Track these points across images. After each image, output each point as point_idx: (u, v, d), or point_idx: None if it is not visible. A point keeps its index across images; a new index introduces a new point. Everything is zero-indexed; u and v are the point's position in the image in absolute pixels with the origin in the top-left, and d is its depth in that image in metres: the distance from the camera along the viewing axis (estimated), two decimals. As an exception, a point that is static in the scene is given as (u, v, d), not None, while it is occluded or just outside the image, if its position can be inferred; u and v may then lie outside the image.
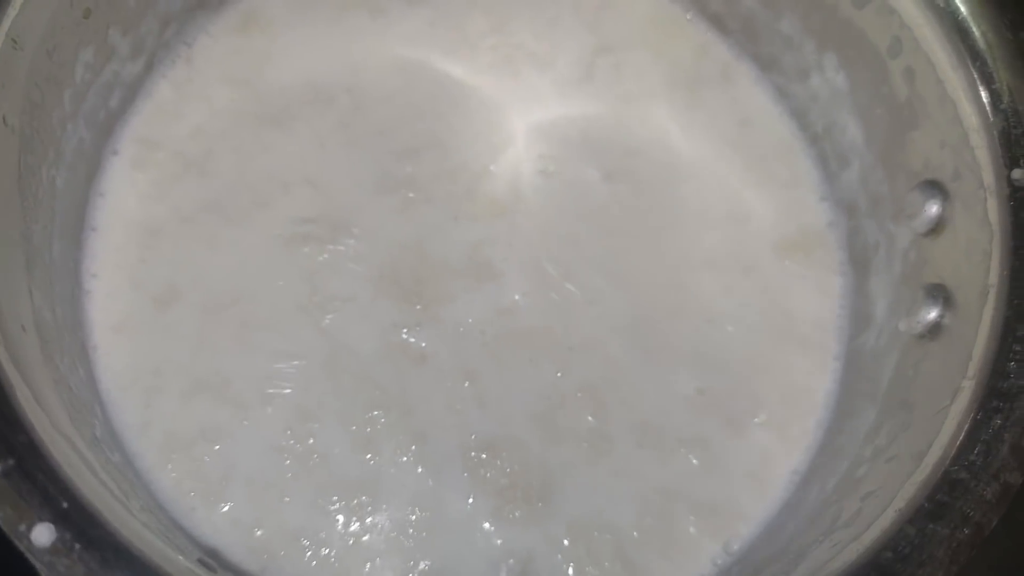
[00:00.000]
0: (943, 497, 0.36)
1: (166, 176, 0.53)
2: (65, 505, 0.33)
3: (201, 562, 0.39)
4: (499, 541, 0.48)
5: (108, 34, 0.50)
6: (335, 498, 0.48)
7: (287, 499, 0.48)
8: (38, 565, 0.31)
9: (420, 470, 0.49)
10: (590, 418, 0.51)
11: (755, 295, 0.55)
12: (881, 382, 0.48)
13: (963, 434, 0.38)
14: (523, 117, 0.58)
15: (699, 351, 0.53)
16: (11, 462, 0.33)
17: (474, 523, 0.48)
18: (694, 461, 0.51)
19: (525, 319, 0.53)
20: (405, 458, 0.49)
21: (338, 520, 0.48)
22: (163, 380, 0.49)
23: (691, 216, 0.57)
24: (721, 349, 0.54)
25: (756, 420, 0.52)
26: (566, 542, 0.48)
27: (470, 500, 0.48)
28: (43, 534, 0.31)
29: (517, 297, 0.53)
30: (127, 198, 0.53)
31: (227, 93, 0.56)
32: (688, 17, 0.60)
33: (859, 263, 0.54)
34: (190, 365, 0.50)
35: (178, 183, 0.53)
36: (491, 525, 0.48)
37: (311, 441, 0.49)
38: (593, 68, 0.60)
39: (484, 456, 0.50)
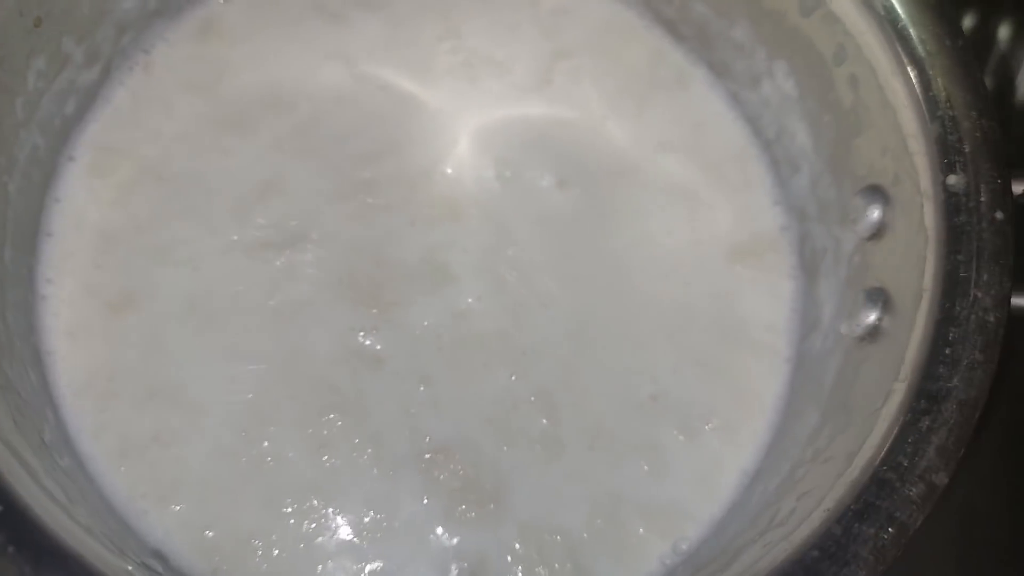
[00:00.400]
0: (870, 497, 0.37)
1: (123, 181, 0.54)
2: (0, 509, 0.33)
3: (145, 565, 0.40)
4: (452, 543, 0.49)
5: (61, 42, 0.51)
6: (288, 500, 0.48)
7: (240, 501, 0.48)
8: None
9: (375, 472, 0.49)
10: (544, 421, 0.52)
11: (708, 300, 0.56)
12: (825, 385, 0.48)
13: (892, 436, 0.38)
14: (479, 122, 0.58)
15: (652, 356, 0.54)
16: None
17: (427, 525, 0.49)
18: (645, 466, 0.51)
19: (480, 323, 0.53)
20: (360, 460, 0.50)
21: (291, 522, 0.48)
22: (118, 385, 0.50)
23: (645, 221, 0.57)
24: (674, 354, 0.54)
25: (708, 426, 0.52)
26: (517, 545, 0.49)
27: (424, 501, 0.49)
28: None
29: (471, 301, 0.54)
30: (83, 203, 0.53)
31: (186, 100, 0.57)
32: (643, 23, 0.61)
33: (809, 267, 0.55)
34: (145, 370, 0.50)
35: (135, 188, 0.54)
36: (443, 527, 0.49)
37: (265, 444, 0.49)
38: (550, 73, 0.60)
39: (438, 458, 0.50)
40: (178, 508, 0.48)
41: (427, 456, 0.50)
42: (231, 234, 0.53)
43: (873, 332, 0.46)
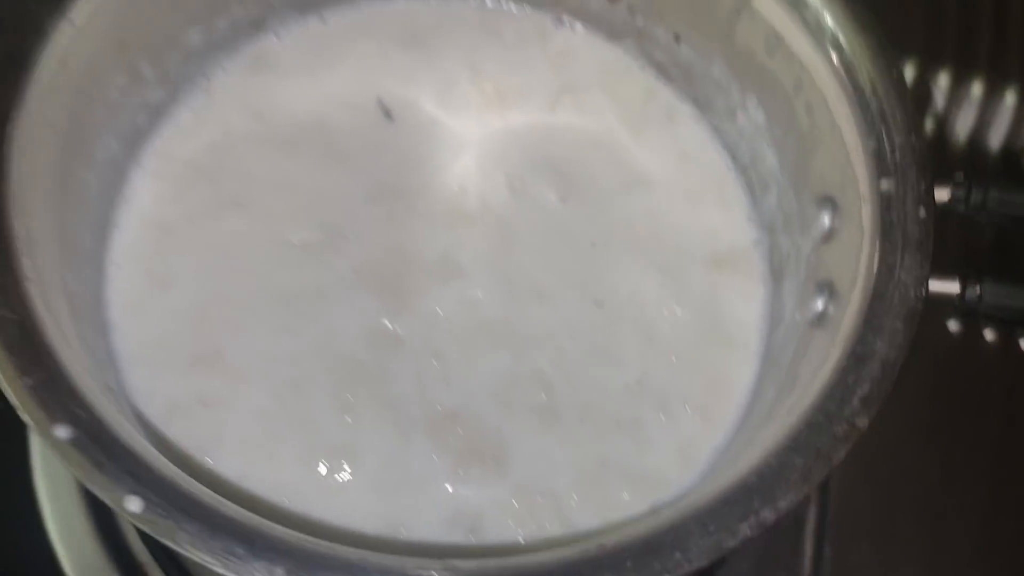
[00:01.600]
0: (801, 436, 0.43)
1: (180, 184, 0.62)
2: (80, 413, 0.41)
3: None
4: (455, 498, 0.55)
5: (139, 64, 0.60)
6: (318, 456, 0.56)
7: (274, 457, 0.55)
8: (59, 457, 0.39)
9: (392, 433, 0.56)
10: (541, 396, 0.59)
11: (690, 302, 0.63)
12: (783, 366, 0.55)
13: (825, 390, 0.45)
14: (495, 144, 0.67)
15: (639, 348, 0.61)
16: (41, 376, 0.41)
17: (436, 481, 0.56)
18: (629, 439, 0.58)
19: (487, 312, 0.61)
20: (380, 423, 0.57)
21: (321, 473, 0.55)
22: (167, 354, 0.58)
23: (637, 233, 0.65)
24: (659, 347, 0.61)
25: (687, 407, 0.59)
26: (514, 502, 0.56)
27: (433, 459, 0.56)
28: (63, 432, 0.40)
29: (480, 293, 0.61)
30: (146, 202, 0.61)
31: (239, 120, 0.65)
32: (638, 65, 0.70)
33: (776, 272, 0.62)
34: (191, 342, 0.58)
35: (190, 190, 0.62)
36: (450, 484, 0.56)
37: (298, 407, 0.57)
38: (556, 105, 0.69)
39: (447, 424, 0.57)
40: (217, 463, 0.55)
41: (438, 421, 0.57)
42: (273, 230, 0.62)
43: (821, 317, 0.53)
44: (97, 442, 0.41)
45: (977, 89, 0.79)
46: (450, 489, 0.55)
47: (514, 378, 0.59)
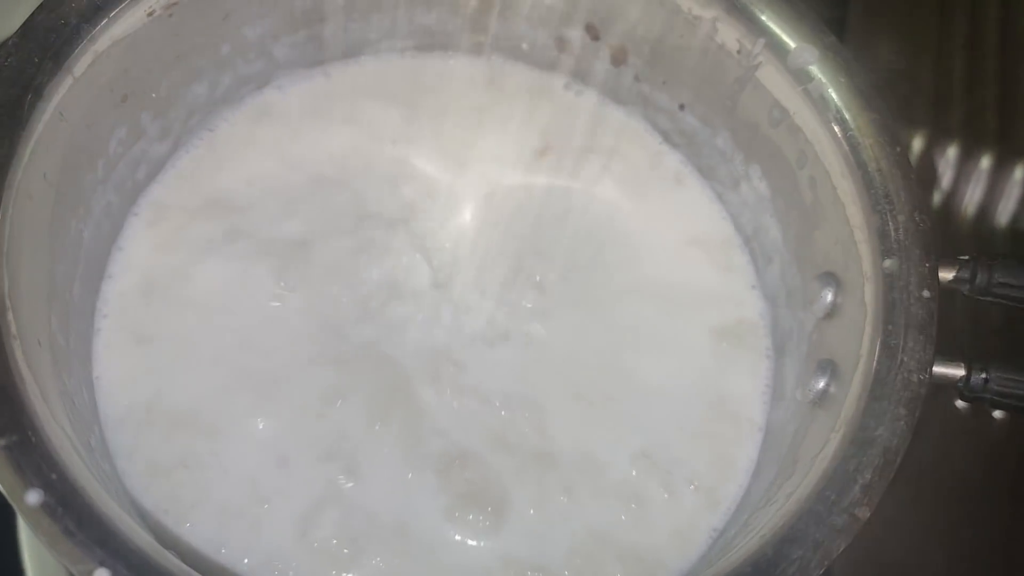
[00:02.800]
0: (800, 526, 0.42)
1: (176, 234, 0.62)
2: (53, 476, 0.40)
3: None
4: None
5: (140, 117, 0.60)
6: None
7: (256, 524, 0.54)
8: (29, 524, 0.38)
9: (383, 494, 0.55)
10: (545, 461, 0.57)
11: (694, 376, 0.62)
12: (784, 446, 0.54)
13: (825, 476, 0.44)
14: (493, 205, 0.66)
15: (642, 422, 0.60)
16: (14, 438, 0.40)
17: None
18: (626, 515, 0.56)
19: (478, 374, 0.60)
20: (367, 487, 0.55)
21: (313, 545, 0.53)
22: (152, 415, 0.56)
23: (640, 299, 0.64)
24: (663, 421, 0.60)
25: (691, 486, 0.58)
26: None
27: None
28: (33, 497, 0.38)
29: (468, 352, 0.60)
30: (140, 252, 0.61)
31: (240, 170, 0.65)
32: (645, 128, 0.70)
33: (779, 347, 0.61)
34: (175, 401, 0.56)
35: (186, 240, 0.61)
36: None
37: (285, 473, 0.55)
38: (568, 167, 0.68)
39: (451, 472, 0.56)
40: (192, 527, 0.53)
41: (438, 475, 0.56)
42: (266, 288, 0.61)
43: (822, 397, 0.51)
44: (69, 508, 0.39)
45: (985, 163, 0.78)
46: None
47: (518, 438, 0.58)
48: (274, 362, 0.58)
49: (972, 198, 0.71)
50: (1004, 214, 0.77)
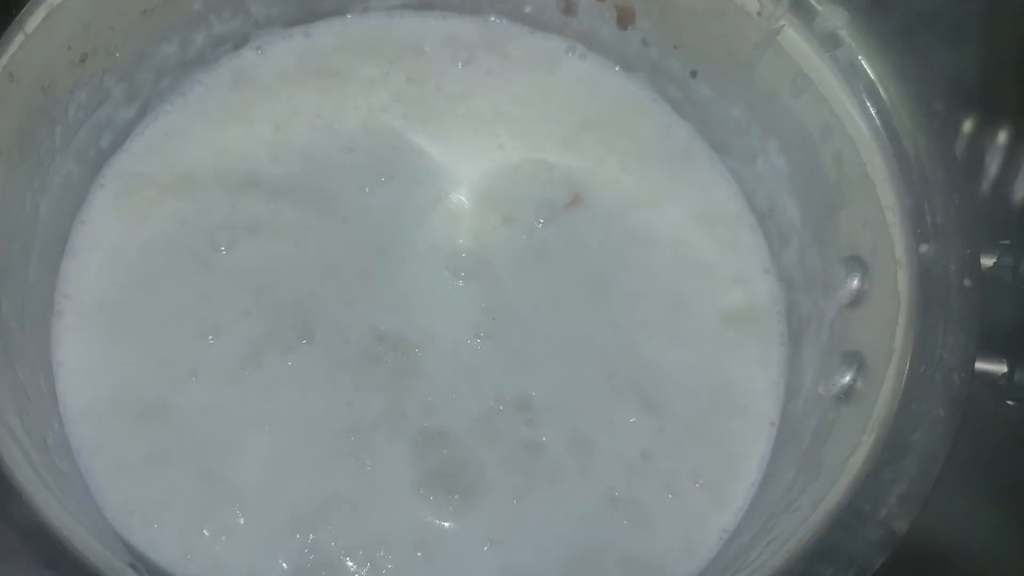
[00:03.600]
0: (831, 540, 0.38)
1: (147, 205, 0.57)
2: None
3: (132, 566, 0.41)
4: None
5: (103, 79, 0.54)
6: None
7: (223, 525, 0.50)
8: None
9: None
10: (539, 456, 0.53)
11: (702, 364, 0.57)
12: (803, 444, 0.50)
13: (856, 484, 0.40)
14: (494, 179, 0.61)
15: (645, 416, 0.55)
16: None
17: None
18: (627, 520, 0.52)
19: (479, 362, 0.55)
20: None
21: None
22: (119, 406, 0.52)
23: (643, 280, 0.60)
24: (667, 414, 0.55)
25: (696, 485, 0.54)
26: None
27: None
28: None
29: (478, 343, 0.56)
30: (107, 225, 0.56)
31: (216, 140, 0.60)
32: (652, 100, 0.65)
33: (795, 335, 0.57)
34: (147, 392, 0.52)
35: (156, 211, 0.57)
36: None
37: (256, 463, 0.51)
38: (562, 138, 0.63)
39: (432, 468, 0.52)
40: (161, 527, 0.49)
41: (418, 478, 0.52)
42: (246, 260, 0.56)
43: (848, 392, 0.47)
44: (13, 523, 0.35)
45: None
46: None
47: (512, 442, 0.53)
48: (254, 345, 0.54)
49: (1018, 179, 0.66)
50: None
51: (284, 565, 0.49)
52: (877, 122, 0.49)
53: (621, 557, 0.51)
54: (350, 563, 0.49)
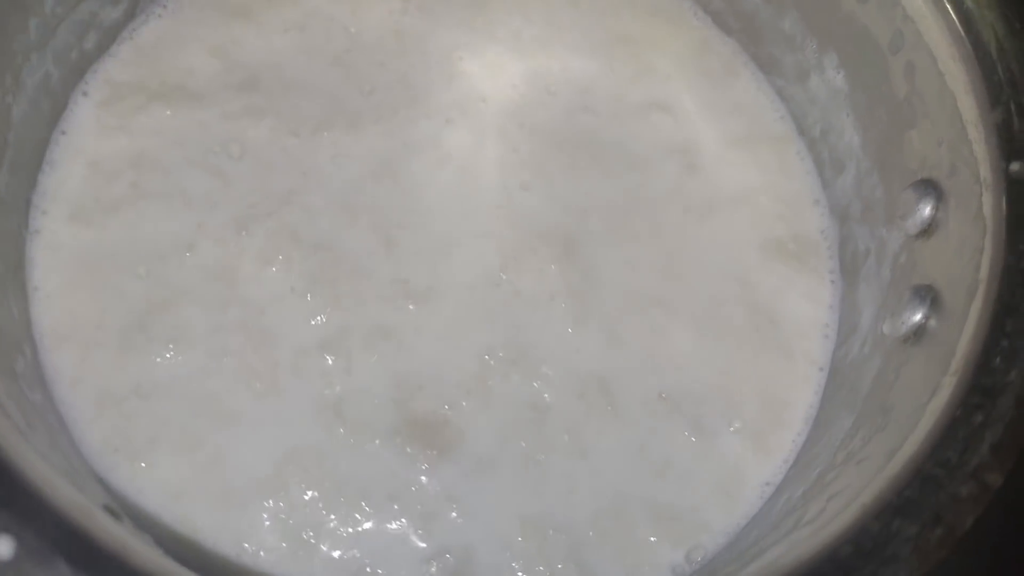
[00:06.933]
0: (912, 494, 0.33)
1: (133, 114, 0.51)
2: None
3: (107, 508, 0.36)
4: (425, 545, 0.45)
5: (86, -30, 0.49)
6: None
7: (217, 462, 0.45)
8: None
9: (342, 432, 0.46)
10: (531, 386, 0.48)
11: (742, 298, 0.52)
12: (861, 390, 0.45)
13: (940, 432, 0.34)
14: (523, 97, 0.56)
15: (677, 350, 0.50)
16: None
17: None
18: (655, 465, 0.47)
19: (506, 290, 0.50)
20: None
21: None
22: (103, 333, 0.47)
23: (685, 205, 0.54)
24: (702, 351, 0.50)
25: (731, 428, 0.49)
26: (519, 538, 0.45)
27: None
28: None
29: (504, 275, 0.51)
30: (90, 136, 0.51)
31: (213, 44, 0.55)
32: (691, 10, 0.59)
33: (849, 272, 0.52)
34: (133, 317, 0.47)
35: (143, 120, 0.51)
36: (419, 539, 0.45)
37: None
38: (597, 52, 0.58)
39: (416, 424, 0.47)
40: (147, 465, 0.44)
41: (401, 427, 0.47)
42: (240, 172, 0.51)
43: (919, 332, 0.42)
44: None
45: None
46: (421, 544, 0.45)
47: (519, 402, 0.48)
48: (252, 261, 0.49)
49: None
50: None
51: (280, 504, 0.44)
52: (958, 26, 0.43)
53: (650, 508, 0.46)
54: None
